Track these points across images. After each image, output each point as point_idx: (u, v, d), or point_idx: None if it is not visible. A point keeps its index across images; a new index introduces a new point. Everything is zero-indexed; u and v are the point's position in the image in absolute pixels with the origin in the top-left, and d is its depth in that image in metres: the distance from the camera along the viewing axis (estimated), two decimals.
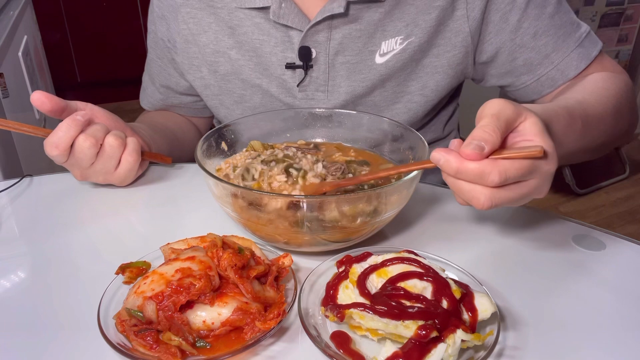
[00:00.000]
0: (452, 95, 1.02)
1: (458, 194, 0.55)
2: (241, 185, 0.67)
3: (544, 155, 0.52)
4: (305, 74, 0.87)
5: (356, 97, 0.89)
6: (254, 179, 0.66)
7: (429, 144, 0.69)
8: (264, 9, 0.85)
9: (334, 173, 0.68)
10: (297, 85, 0.88)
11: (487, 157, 0.51)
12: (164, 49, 0.97)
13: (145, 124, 0.98)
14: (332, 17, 0.82)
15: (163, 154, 0.89)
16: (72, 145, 0.73)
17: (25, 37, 1.68)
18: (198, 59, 0.93)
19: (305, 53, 0.85)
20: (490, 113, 0.53)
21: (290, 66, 0.87)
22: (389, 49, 0.85)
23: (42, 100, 0.73)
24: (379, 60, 0.86)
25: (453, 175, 0.53)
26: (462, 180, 0.53)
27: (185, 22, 0.90)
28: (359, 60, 0.86)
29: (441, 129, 1.03)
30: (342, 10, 0.80)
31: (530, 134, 0.53)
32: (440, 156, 0.53)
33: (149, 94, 1.06)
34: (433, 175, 1.07)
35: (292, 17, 0.83)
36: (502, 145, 0.53)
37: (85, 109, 0.78)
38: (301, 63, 0.86)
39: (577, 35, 0.86)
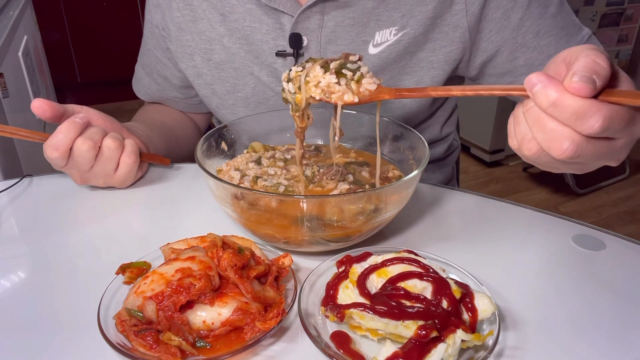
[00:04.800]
0: None
1: (536, 133, 0.46)
2: (243, 185, 0.67)
3: None
4: (296, 61, 0.85)
5: None
6: (292, 92, 0.60)
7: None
8: None
9: (332, 177, 0.68)
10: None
11: (596, 95, 0.42)
12: (159, 38, 0.96)
13: (141, 122, 0.98)
14: (324, 0, 0.81)
15: (161, 155, 0.89)
16: (70, 149, 0.73)
17: (25, 37, 1.68)
18: (191, 47, 0.92)
19: (296, 40, 0.84)
20: (592, 48, 0.44)
21: (280, 54, 0.85)
22: (383, 39, 0.84)
23: (43, 108, 0.73)
24: (372, 50, 0.84)
25: (544, 108, 0.44)
26: (549, 117, 0.44)
27: (179, 10, 0.90)
28: (352, 50, 0.84)
29: (439, 129, 1.02)
30: None
31: (624, 86, 0.46)
32: (537, 81, 0.44)
33: (145, 84, 1.05)
34: (433, 175, 1.07)
35: (284, 1, 0.82)
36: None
37: (81, 112, 0.78)
38: (292, 50, 0.84)
39: (580, 37, 0.85)
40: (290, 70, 0.61)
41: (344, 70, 0.58)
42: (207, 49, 0.91)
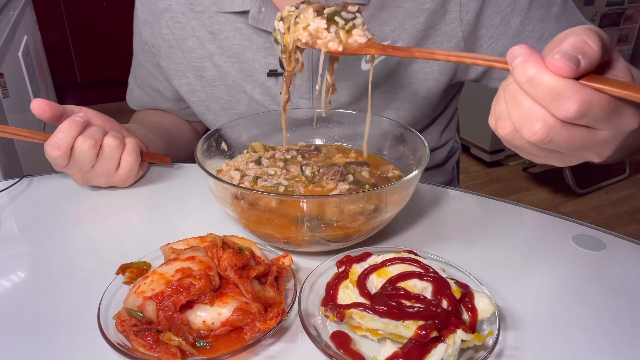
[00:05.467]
0: (449, 102, 0.99)
1: (511, 111, 0.43)
2: (243, 185, 0.67)
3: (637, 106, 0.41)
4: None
5: (343, 105, 0.87)
6: (282, 32, 0.59)
7: None
8: (244, 13, 0.82)
9: (332, 177, 0.68)
10: (281, 93, 0.84)
11: (577, 77, 0.39)
12: (149, 54, 0.95)
13: (139, 124, 0.97)
14: None
15: (161, 154, 0.89)
16: (71, 148, 0.73)
17: (25, 37, 1.68)
18: (183, 64, 0.91)
19: None
20: (588, 28, 0.41)
21: (272, 74, 0.84)
22: (375, 55, 0.82)
23: (43, 108, 0.73)
24: (364, 66, 0.83)
25: (521, 84, 0.41)
26: (525, 94, 0.41)
27: (169, 27, 0.89)
28: (345, 67, 0.83)
29: (437, 137, 1.01)
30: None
31: (620, 75, 0.43)
32: (519, 53, 0.41)
33: (137, 96, 1.04)
34: (433, 178, 1.07)
35: (272, 22, 0.79)
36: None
37: (80, 112, 0.77)
38: (282, 71, 0.83)
39: None
40: (285, 9, 0.60)
41: (336, 18, 0.57)
42: (198, 67, 0.90)
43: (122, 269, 0.57)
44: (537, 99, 0.41)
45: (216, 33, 0.86)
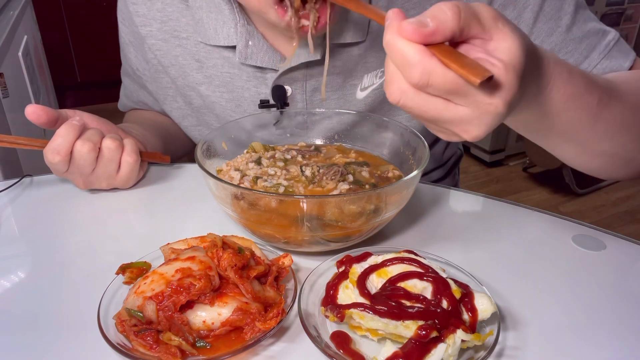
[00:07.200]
0: None
1: (385, 72, 0.45)
2: (243, 185, 0.67)
3: (489, 87, 0.40)
4: (281, 114, 0.81)
5: (338, 133, 0.83)
6: None
7: (429, 172, 0.65)
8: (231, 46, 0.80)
9: (332, 177, 0.68)
10: (274, 124, 0.82)
11: (426, 41, 0.40)
12: (134, 76, 0.94)
13: (135, 123, 0.96)
14: (307, 66, 0.77)
15: (160, 153, 0.88)
16: (70, 153, 0.72)
17: (25, 37, 1.68)
18: (172, 89, 0.89)
19: (279, 93, 0.80)
20: (465, 1, 0.41)
21: (264, 105, 0.81)
22: (370, 83, 0.80)
23: (38, 113, 0.72)
24: (359, 95, 0.81)
25: (384, 46, 0.42)
26: (389, 57, 0.43)
27: (153, 52, 0.87)
28: (340, 96, 0.82)
29: (440, 156, 0.99)
30: (318, 57, 0.75)
31: (497, 58, 0.41)
32: (388, 17, 0.42)
33: (127, 105, 1.04)
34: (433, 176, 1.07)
35: (262, 55, 0.78)
36: (453, 47, 0.42)
37: (75, 116, 0.77)
38: (274, 103, 0.81)
39: (604, 44, 0.75)
40: None
41: None
42: (185, 95, 0.88)
43: (122, 269, 0.57)
44: (394, 62, 0.42)
45: (203, 61, 0.84)
